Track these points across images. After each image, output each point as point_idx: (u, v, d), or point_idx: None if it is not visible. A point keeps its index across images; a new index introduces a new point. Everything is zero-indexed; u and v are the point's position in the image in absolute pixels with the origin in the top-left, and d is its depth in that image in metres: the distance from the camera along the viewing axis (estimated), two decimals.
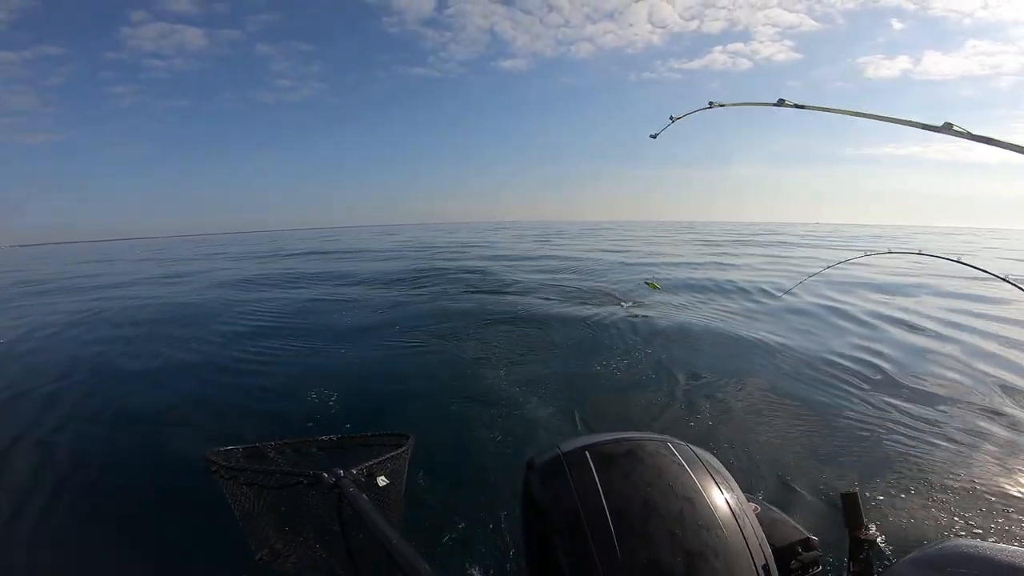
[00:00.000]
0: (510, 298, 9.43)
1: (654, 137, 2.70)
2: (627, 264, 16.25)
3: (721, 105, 2.32)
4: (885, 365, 5.15)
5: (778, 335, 6.35)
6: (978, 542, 1.30)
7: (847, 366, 5.14)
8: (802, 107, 1.81)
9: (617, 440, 1.41)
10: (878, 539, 1.39)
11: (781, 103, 1.87)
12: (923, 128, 1.75)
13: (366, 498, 1.32)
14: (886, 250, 3.30)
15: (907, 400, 4.12)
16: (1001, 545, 1.22)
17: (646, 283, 7.26)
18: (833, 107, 1.74)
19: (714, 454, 1.43)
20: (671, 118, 2.57)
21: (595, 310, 7.98)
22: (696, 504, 1.20)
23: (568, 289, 10.12)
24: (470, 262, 16.91)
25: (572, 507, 1.26)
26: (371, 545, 1.48)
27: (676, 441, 1.42)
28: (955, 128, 1.58)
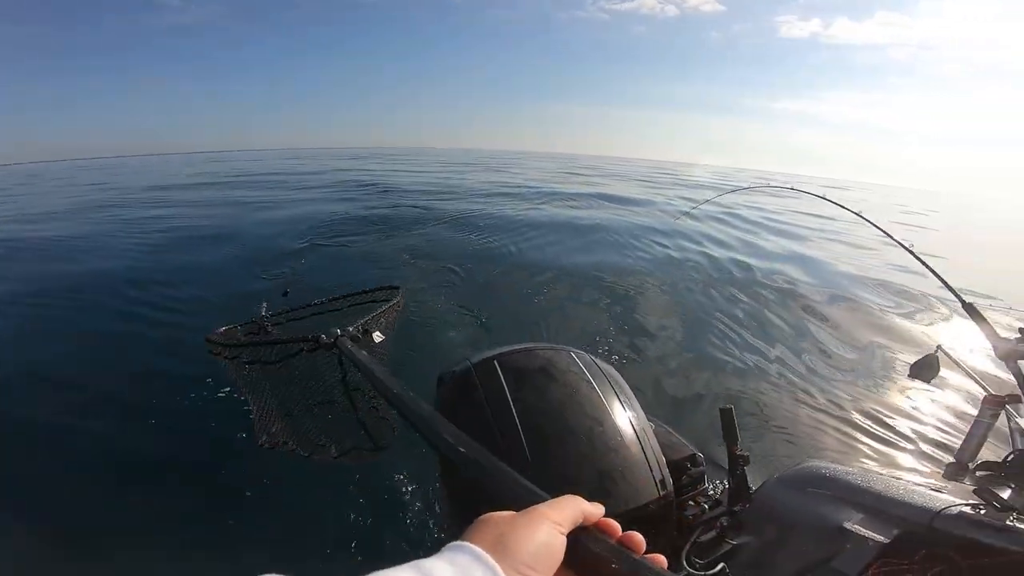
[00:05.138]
0: None
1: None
2: None
3: None
4: (771, 286, 5.74)
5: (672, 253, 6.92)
6: (829, 464, 1.55)
7: (734, 287, 5.71)
8: None
9: (527, 351, 1.44)
10: (750, 456, 1.57)
11: None
12: None
13: (365, 354, 1.32)
14: (765, 184, 3.47)
15: (787, 327, 4.64)
16: (846, 467, 1.46)
17: None
18: None
19: (616, 367, 1.50)
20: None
21: None
22: (605, 425, 1.28)
23: None
24: None
25: (485, 421, 1.29)
26: (375, 406, 1.57)
27: (583, 354, 1.47)
28: None
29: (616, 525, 0.47)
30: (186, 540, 2.13)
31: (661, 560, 0.44)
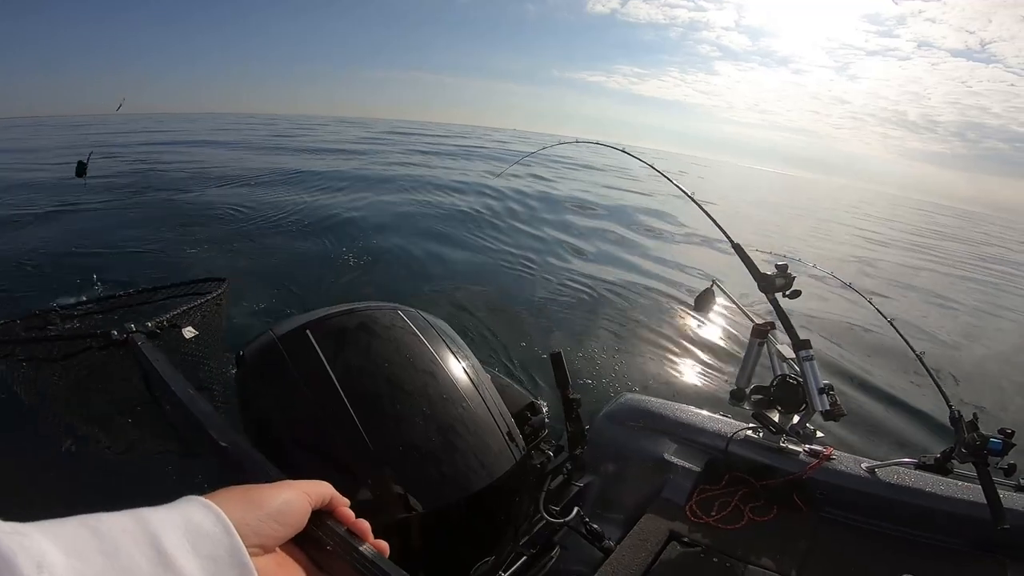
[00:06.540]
0: None
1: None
2: None
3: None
4: (579, 245, 6.32)
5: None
6: (641, 396, 1.72)
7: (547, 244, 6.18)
8: None
9: (347, 311, 1.29)
10: (581, 397, 1.66)
11: None
12: None
13: (162, 356, 1.17)
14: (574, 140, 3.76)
15: (604, 276, 5.17)
16: (653, 399, 1.64)
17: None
18: None
19: (445, 320, 1.43)
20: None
21: None
22: (438, 377, 1.18)
23: None
24: None
25: (303, 398, 1.10)
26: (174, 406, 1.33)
27: (406, 308, 1.35)
28: None
29: (350, 514, 0.48)
30: None
31: (383, 547, 0.47)
